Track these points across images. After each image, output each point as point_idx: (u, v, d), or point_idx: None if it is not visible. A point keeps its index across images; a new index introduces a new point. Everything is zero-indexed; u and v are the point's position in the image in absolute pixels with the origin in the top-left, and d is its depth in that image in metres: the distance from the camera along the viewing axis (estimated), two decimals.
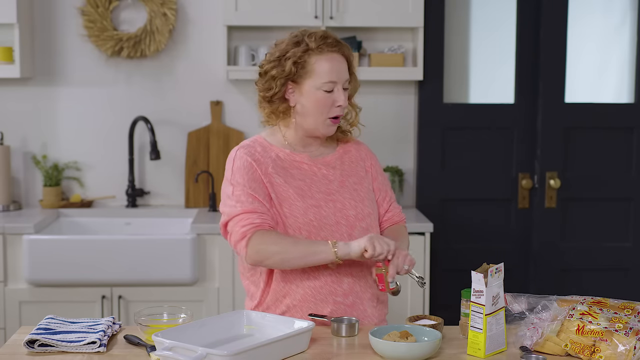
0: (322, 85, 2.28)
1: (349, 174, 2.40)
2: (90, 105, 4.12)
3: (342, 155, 2.43)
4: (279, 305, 2.32)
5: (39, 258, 3.54)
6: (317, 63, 2.28)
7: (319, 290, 2.30)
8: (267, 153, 2.34)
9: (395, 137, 4.19)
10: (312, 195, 2.31)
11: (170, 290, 3.61)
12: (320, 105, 2.29)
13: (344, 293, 2.32)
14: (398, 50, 4.06)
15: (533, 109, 4.17)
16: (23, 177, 4.12)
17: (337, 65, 2.29)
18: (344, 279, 2.31)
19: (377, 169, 2.47)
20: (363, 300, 2.35)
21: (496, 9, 4.22)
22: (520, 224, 4.24)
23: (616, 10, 4.24)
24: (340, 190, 2.35)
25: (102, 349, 2.07)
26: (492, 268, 2.01)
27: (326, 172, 2.37)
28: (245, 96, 4.14)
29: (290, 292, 2.31)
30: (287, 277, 2.30)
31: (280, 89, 2.31)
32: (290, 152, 2.36)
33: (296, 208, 2.28)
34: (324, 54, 2.28)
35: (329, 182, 2.36)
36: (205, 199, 4.11)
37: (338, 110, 2.31)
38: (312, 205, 2.30)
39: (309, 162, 2.37)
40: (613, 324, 1.98)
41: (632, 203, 4.24)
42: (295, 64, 2.28)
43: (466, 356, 2.03)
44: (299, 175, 2.34)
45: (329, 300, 2.30)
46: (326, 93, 2.29)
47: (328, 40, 2.29)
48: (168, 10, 4.02)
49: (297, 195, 2.30)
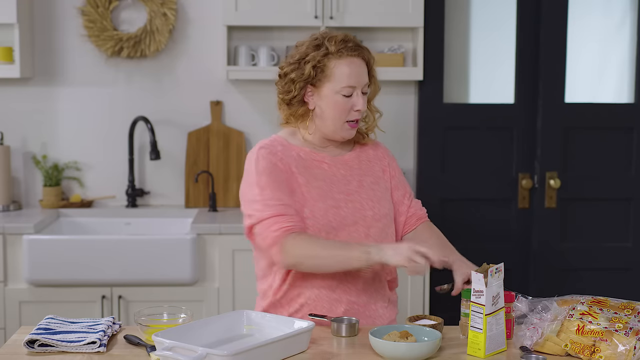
0: (341, 89, 2.27)
1: (366, 174, 2.39)
2: (90, 105, 4.12)
3: (359, 154, 2.43)
4: (292, 304, 2.32)
5: (39, 258, 3.54)
6: (337, 67, 2.26)
7: (334, 290, 2.30)
8: (288, 152, 2.32)
9: (395, 137, 4.19)
10: (332, 195, 2.30)
11: (170, 290, 3.61)
12: (339, 109, 2.28)
13: (357, 293, 2.32)
14: (398, 50, 4.06)
15: (533, 109, 4.17)
16: (23, 177, 4.12)
17: (357, 69, 2.28)
18: (359, 278, 2.31)
19: (394, 168, 2.47)
20: (376, 300, 2.36)
21: (496, 9, 4.22)
22: (520, 224, 4.24)
23: (616, 10, 4.24)
24: (359, 190, 2.35)
25: (102, 349, 2.07)
26: (492, 268, 2.01)
27: (344, 172, 2.36)
28: (245, 96, 4.14)
29: (305, 291, 2.30)
30: (302, 276, 2.29)
31: (299, 92, 2.30)
32: (311, 150, 2.35)
33: (317, 209, 2.27)
34: (343, 58, 2.26)
35: (348, 182, 2.35)
36: (205, 199, 4.11)
37: (356, 115, 2.30)
38: (332, 206, 2.29)
39: (329, 162, 2.36)
40: (613, 324, 1.98)
41: (632, 203, 4.24)
42: (314, 67, 2.26)
43: (466, 356, 2.03)
44: (320, 175, 2.33)
45: (342, 300, 2.30)
46: (345, 97, 2.28)
47: (348, 44, 2.27)
48: (168, 10, 4.02)
49: (319, 196, 2.29)
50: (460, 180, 4.19)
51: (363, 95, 2.31)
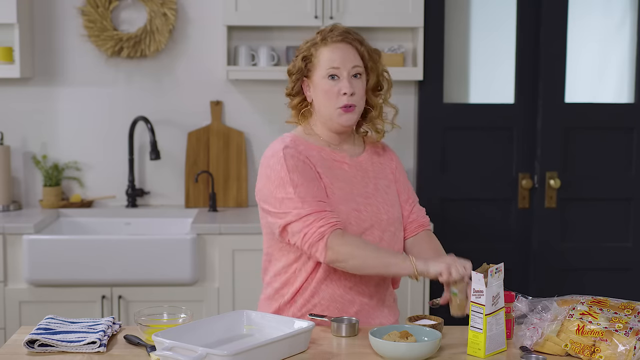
0: (325, 73, 2.28)
1: (379, 177, 2.39)
2: (90, 105, 4.12)
3: (371, 156, 2.42)
4: (306, 304, 2.31)
5: (39, 258, 3.54)
6: (322, 54, 2.29)
7: (348, 291, 2.30)
8: (310, 152, 2.32)
9: (395, 137, 4.18)
10: (353, 198, 2.30)
11: (170, 290, 3.61)
12: (327, 94, 2.28)
13: (370, 294, 2.32)
14: (398, 50, 4.06)
15: (533, 109, 4.17)
16: (23, 177, 4.12)
17: (340, 53, 2.28)
18: (372, 280, 2.31)
19: (400, 172, 2.46)
20: (385, 301, 2.37)
21: (496, 9, 4.22)
22: (520, 224, 4.24)
23: (616, 10, 4.24)
24: (375, 193, 2.35)
25: (102, 349, 2.07)
26: (492, 268, 2.01)
27: (362, 174, 2.36)
28: (245, 96, 4.14)
29: (320, 291, 2.30)
30: (323, 277, 2.28)
31: (295, 84, 2.34)
32: (332, 150, 2.35)
33: (340, 212, 2.26)
34: (328, 45, 2.29)
35: (366, 185, 2.35)
36: (205, 199, 4.11)
37: (345, 99, 2.28)
38: (353, 209, 2.28)
39: (349, 163, 2.35)
40: (613, 324, 1.98)
41: (632, 203, 4.24)
42: (304, 58, 2.31)
43: (466, 356, 2.03)
44: (342, 176, 2.32)
45: (356, 301, 2.30)
46: (331, 81, 2.28)
47: (335, 32, 2.30)
48: (168, 10, 4.02)
49: (342, 198, 2.28)
50: (460, 180, 4.19)
51: (355, 79, 2.29)
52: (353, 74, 2.29)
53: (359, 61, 2.30)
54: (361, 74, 2.31)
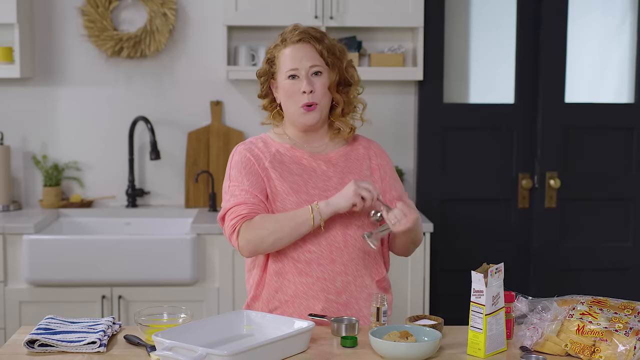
0: (286, 74, 2.33)
1: (350, 171, 2.39)
2: (90, 105, 4.12)
3: (348, 152, 2.42)
4: (271, 300, 2.34)
5: (39, 258, 3.54)
6: (282, 55, 2.35)
7: (311, 287, 2.31)
8: (268, 148, 2.39)
9: (395, 137, 4.19)
10: (307, 190, 2.33)
11: (170, 290, 3.61)
12: (289, 94, 2.34)
13: (336, 291, 2.32)
14: (398, 50, 4.06)
15: (533, 109, 4.17)
16: (23, 177, 4.12)
17: (298, 53, 2.32)
18: (337, 277, 2.32)
19: (386, 169, 2.45)
20: (358, 300, 2.35)
21: (496, 9, 4.22)
22: (520, 224, 4.23)
23: (616, 10, 4.24)
24: (339, 187, 2.35)
25: (102, 349, 2.07)
26: (492, 268, 2.01)
27: (326, 168, 2.38)
28: (245, 96, 4.14)
29: (283, 287, 2.32)
30: (279, 272, 2.32)
31: (263, 85, 2.41)
32: (291, 147, 2.40)
33: (289, 203, 2.30)
34: (287, 46, 2.35)
35: (328, 179, 2.36)
36: (205, 199, 4.11)
37: (305, 97, 2.31)
38: (305, 200, 2.31)
39: (308, 158, 2.38)
40: (613, 324, 1.98)
41: (632, 203, 4.24)
42: (268, 61, 2.39)
43: (466, 356, 2.03)
44: (297, 170, 2.36)
45: (320, 297, 2.30)
46: (292, 81, 2.33)
47: (294, 32, 2.35)
48: (168, 10, 4.02)
49: (292, 190, 2.32)
50: (460, 180, 4.19)
51: (315, 77, 2.32)
52: (312, 72, 2.33)
53: (318, 59, 2.33)
54: (321, 71, 2.34)
